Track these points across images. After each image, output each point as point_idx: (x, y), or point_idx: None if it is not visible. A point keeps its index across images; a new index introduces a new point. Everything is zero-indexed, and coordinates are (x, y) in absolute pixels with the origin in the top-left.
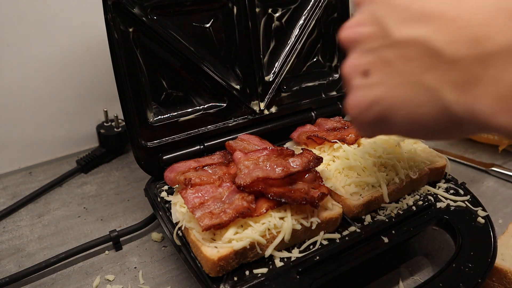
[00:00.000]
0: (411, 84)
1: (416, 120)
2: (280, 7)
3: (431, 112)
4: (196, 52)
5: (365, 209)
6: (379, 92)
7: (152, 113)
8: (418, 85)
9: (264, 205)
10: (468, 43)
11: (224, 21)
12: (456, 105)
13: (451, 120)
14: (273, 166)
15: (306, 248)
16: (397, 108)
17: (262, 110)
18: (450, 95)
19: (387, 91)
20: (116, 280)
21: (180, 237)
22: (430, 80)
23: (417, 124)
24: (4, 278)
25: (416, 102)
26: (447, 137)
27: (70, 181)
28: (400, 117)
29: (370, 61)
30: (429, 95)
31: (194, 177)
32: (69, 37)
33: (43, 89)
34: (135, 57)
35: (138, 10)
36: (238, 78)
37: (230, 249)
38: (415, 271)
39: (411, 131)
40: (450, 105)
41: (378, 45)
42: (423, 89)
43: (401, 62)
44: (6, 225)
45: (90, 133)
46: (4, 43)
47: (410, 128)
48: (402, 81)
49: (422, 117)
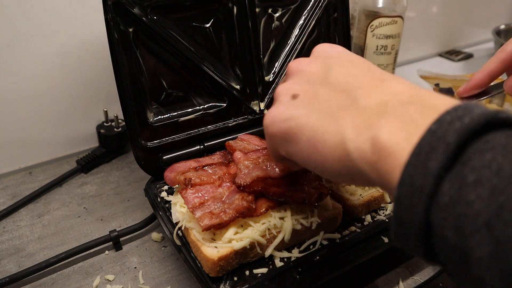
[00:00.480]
0: (326, 115)
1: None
2: (280, 7)
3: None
4: (196, 52)
5: (365, 209)
6: (297, 112)
7: (152, 113)
8: (332, 118)
9: (264, 205)
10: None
11: (224, 21)
12: (350, 142)
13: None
14: (273, 166)
15: (306, 248)
16: (305, 129)
17: (262, 110)
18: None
19: (304, 113)
20: (116, 280)
21: (180, 237)
22: (342, 116)
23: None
24: (4, 278)
25: (322, 129)
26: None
27: (70, 181)
28: (305, 137)
29: (303, 89)
30: (336, 128)
31: (194, 177)
32: (69, 37)
33: (43, 89)
34: (135, 57)
35: (138, 10)
36: (238, 78)
37: (230, 249)
38: (415, 271)
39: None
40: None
41: (316, 81)
42: (333, 120)
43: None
44: (6, 225)
45: (90, 133)
46: (4, 43)
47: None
48: (320, 110)
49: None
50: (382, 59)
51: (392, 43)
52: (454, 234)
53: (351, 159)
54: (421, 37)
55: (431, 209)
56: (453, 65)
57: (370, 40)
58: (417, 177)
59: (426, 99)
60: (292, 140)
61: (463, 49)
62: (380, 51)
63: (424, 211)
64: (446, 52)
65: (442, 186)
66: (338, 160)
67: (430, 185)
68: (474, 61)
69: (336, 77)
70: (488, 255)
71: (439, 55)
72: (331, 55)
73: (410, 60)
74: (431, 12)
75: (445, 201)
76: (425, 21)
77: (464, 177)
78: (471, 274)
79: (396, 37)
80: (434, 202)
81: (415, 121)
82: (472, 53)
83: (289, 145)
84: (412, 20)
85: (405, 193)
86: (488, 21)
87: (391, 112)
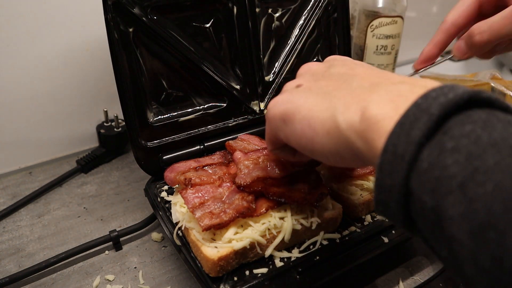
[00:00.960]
0: (322, 96)
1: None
2: (280, 7)
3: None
4: (196, 52)
5: (365, 209)
6: (297, 96)
7: (152, 113)
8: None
9: (264, 205)
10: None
11: (224, 21)
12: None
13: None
14: (273, 166)
15: (306, 248)
16: (302, 108)
17: (262, 110)
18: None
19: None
20: (116, 280)
21: (180, 237)
22: (335, 95)
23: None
24: (4, 278)
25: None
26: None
27: (70, 181)
28: (301, 116)
29: (306, 81)
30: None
31: (194, 177)
32: (69, 37)
33: (43, 89)
34: (135, 57)
35: (138, 10)
36: (238, 78)
37: (230, 249)
38: (415, 271)
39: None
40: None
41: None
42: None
43: (325, 84)
44: (6, 225)
45: (90, 133)
46: (4, 43)
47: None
48: (317, 94)
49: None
50: (382, 59)
51: (392, 43)
52: (431, 197)
53: (340, 130)
54: (421, 37)
55: (411, 176)
56: (453, 65)
57: (370, 40)
58: (400, 145)
59: (416, 81)
60: (289, 120)
61: None
62: (380, 51)
63: (404, 177)
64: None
65: (422, 153)
66: (328, 132)
67: (411, 152)
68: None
69: (336, 70)
70: (460, 214)
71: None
72: (337, 58)
73: (410, 60)
74: (431, 12)
75: (424, 167)
76: (425, 21)
77: (443, 144)
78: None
79: (396, 37)
80: (414, 168)
81: (404, 96)
82: None
83: (287, 126)
84: (412, 20)
85: (387, 161)
86: None
87: (382, 89)
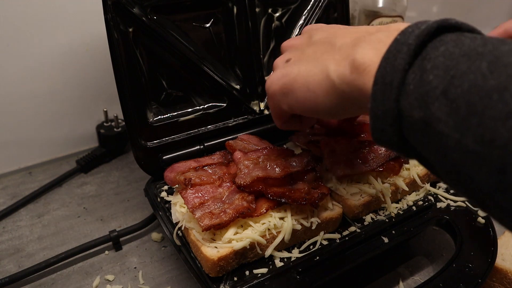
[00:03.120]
0: (312, 62)
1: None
2: (280, 7)
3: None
4: (196, 52)
5: (365, 209)
6: (290, 68)
7: (152, 113)
8: (317, 61)
9: (264, 205)
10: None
11: (224, 21)
12: (333, 72)
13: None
14: (273, 166)
15: (306, 248)
16: (298, 77)
17: (262, 110)
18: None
19: (295, 67)
20: (116, 280)
21: (180, 237)
22: (325, 58)
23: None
24: (4, 278)
25: (311, 72)
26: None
27: (70, 181)
28: (299, 84)
29: (294, 54)
30: (321, 67)
31: (194, 177)
32: (69, 37)
33: (43, 89)
34: (135, 57)
35: (138, 10)
36: (238, 78)
37: (230, 249)
38: (415, 271)
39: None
40: (329, 72)
41: (303, 46)
42: (319, 63)
43: (312, 51)
44: (5, 225)
45: (90, 133)
46: (4, 43)
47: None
48: (308, 61)
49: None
50: None
51: None
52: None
53: (336, 86)
54: None
55: (400, 98)
56: None
57: None
58: (387, 75)
59: (391, 26)
60: (289, 91)
61: None
62: None
63: (394, 100)
64: None
65: (407, 78)
66: (327, 91)
67: (397, 78)
68: None
69: (318, 37)
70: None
71: None
72: (313, 27)
73: None
74: (431, 12)
75: (410, 88)
76: None
77: (424, 66)
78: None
79: None
80: (402, 92)
81: (383, 41)
82: None
83: (288, 96)
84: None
85: (378, 90)
86: (488, 21)
87: (363, 41)
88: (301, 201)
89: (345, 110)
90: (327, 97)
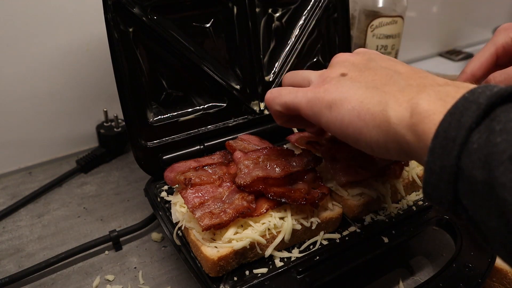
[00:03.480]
0: (372, 90)
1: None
2: (280, 7)
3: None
4: (196, 52)
5: (365, 209)
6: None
7: (152, 113)
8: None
9: (264, 205)
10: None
11: (224, 21)
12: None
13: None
14: (273, 166)
15: (306, 248)
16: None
17: (262, 110)
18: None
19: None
20: (116, 280)
21: (180, 237)
22: (386, 90)
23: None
24: (4, 278)
25: (367, 100)
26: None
27: (70, 181)
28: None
29: (350, 70)
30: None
31: (194, 177)
32: (69, 37)
33: (43, 89)
34: (135, 57)
35: (138, 10)
36: (238, 78)
37: (230, 249)
38: (415, 271)
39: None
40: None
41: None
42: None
43: (371, 78)
44: (5, 225)
45: (90, 133)
46: (4, 43)
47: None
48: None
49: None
50: None
51: (392, 43)
52: (482, 171)
53: (390, 124)
54: (421, 37)
55: (461, 156)
56: (453, 65)
57: (370, 40)
58: (451, 130)
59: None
60: (336, 108)
61: (463, 49)
62: (380, 51)
63: (455, 157)
64: (446, 52)
65: (472, 136)
66: (378, 126)
67: (462, 135)
68: None
69: (378, 64)
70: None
71: (439, 55)
72: (371, 51)
73: (410, 60)
74: (431, 12)
75: (474, 147)
76: (425, 21)
77: (492, 127)
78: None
79: (396, 37)
80: (464, 149)
81: (451, 95)
82: (472, 53)
83: (331, 112)
84: (412, 20)
85: (438, 144)
86: (488, 21)
87: (430, 90)
88: (301, 201)
89: (387, 150)
90: (374, 132)
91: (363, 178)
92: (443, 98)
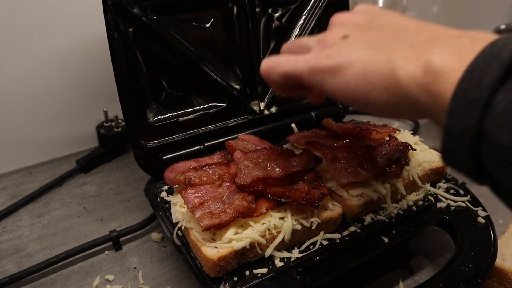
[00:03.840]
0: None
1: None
2: (280, 7)
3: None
4: (196, 52)
5: (365, 209)
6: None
7: (152, 113)
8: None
9: (264, 205)
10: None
11: (224, 21)
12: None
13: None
14: (273, 166)
15: (306, 248)
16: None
17: (262, 110)
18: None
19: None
20: (116, 280)
21: (180, 237)
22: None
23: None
24: (4, 278)
25: (372, 61)
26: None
27: (70, 181)
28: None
29: (352, 31)
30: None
31: (194, 177)
32: (69, 37)
33: (43, 89)
34: (135, 57)
35: (138, 10)
36: (238, 78)
37: (230, 249)
38: (415, 271)
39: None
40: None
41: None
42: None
43: (376, 37)
44: (5, 225)
45: (90, 133)
46: (5, 43)
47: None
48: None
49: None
50: None
51: None
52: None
53: (400, 85)
54: None
55: (484, 119)
56: None
57: None
58: (471, 91)
59: (475, 34)
60: (340, 73)
61: None
62: None
63: (477, 121)
64: None
65: (496, 97)
66: (387, 88)
67: (484, 96)
68: None
69: (381, 22)
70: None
71: None
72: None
73: None
74: (432, 11)
75: (499, 109)
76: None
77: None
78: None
79: None
80: (488, 112)
81: (467, 49)
82: None
83: (336, 78)
84: None
85: (458, 106)
86: (488, 21)
87: (442, 44)
88: (301, 201)
89: (399, 111)
90: (384, 93)
91: (363, 178)
92: (458, 53)
